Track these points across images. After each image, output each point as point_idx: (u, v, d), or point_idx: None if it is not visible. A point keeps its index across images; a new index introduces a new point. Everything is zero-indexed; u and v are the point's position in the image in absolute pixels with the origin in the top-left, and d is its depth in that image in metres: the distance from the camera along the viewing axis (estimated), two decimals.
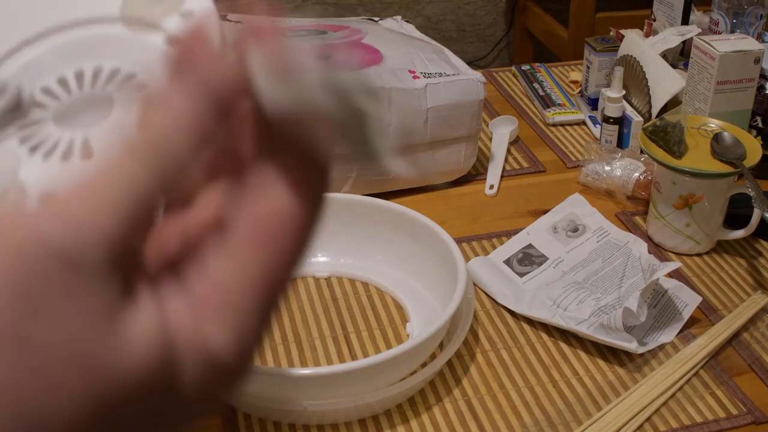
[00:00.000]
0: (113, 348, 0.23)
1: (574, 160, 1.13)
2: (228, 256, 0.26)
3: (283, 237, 0.26)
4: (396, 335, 0.83)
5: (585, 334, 0.79)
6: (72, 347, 0.23)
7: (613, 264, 0.90)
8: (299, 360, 0.79)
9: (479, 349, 0.81)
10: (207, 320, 0.25)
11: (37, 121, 0.41)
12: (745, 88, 1.02)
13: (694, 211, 0.91)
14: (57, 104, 0.41)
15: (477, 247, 0.95)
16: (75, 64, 0.42)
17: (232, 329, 0.26)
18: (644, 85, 1.13)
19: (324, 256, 0.90)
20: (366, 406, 0.72)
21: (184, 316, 0.25)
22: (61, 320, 0.23)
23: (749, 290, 0.89)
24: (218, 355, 0.26)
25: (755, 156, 0.90)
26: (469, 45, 2.88)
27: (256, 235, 0.26)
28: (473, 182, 1.08)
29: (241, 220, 0.26)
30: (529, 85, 1.31)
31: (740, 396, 0.76)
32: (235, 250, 0.26)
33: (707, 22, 1.24)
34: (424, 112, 0.98)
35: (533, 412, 0.74)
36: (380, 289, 0.88)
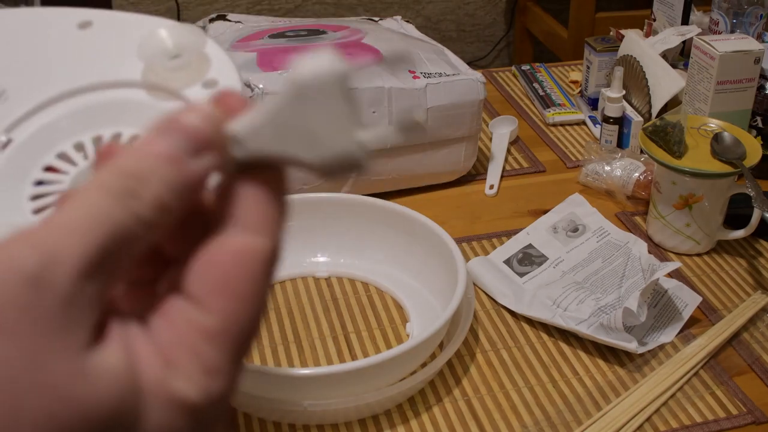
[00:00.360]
0: (79, 377, 0.24)
1: (574, 160, 1.13)
2: (191, 303, 0.26)
3: (245, 279, 0.26)
4: (396, 335, 0.83)
5: (585, 334, 0.79)
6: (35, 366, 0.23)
7: (613, 264, 0.90)
8: (299, 360, 0.79)
9: (479, 349, 0.81)
10: (174, 367, 0.25)
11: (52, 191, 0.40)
12: (745, 88, 1.02)
13: (694, 211, 0.91)
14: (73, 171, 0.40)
15: (477, 247, 0.95)
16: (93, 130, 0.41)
17: (201, 375, 0.26)
18: (644, 85, 1.13)
19: (324, 256, 0.90)
20: (366, 406, 0.72)
21: (152, 361, 0.25)
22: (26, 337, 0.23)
23: (749, 290, 0.89)
24: (187, 401, 0.26)
25: (755, 156, 0.90)
26: (469, 45, 2.88)
27: (218, 280, 0.26)
28: (473, 182, 1.08)
29: (203, 265, 0.27)
30: (529, 85, 1.31)
31: (740, 396, 0.76)
32: (197, 296, 0.26)
33: (707, 22, 1.24)
34: (424, 112, 0.98)
35: (533, 412, 0.74)
36: (380, 289, 0.88)
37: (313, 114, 0.27)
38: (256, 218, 0.27)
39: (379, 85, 0.95)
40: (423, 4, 2.76)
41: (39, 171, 0.41)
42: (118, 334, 0.26)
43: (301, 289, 0.88)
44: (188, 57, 0.42)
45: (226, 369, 0.26)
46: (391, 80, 0.96)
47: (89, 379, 0.24)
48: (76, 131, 0.42)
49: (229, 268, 0.26)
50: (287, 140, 0.27)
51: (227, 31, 1.09)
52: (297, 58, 0.27)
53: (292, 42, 1.03)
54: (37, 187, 0.40)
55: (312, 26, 1.09)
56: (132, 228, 0.25)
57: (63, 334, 0.24)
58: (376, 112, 0.96)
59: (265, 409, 0.72)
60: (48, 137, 0.41)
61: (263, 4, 2.63)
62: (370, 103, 0.95)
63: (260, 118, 0.28)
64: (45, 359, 0.23)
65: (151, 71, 0.43)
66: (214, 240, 0.27)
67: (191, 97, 0.42)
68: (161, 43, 0.42)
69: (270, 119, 0.27)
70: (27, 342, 0.23)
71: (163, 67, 0.42)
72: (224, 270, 0.26)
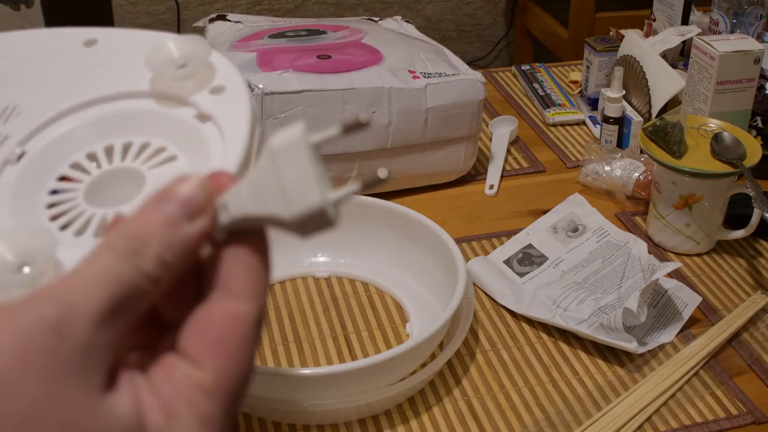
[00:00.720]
0: (94, 417, 0.27)
1: (574, 160, 1.13)
2: (187, 361, 0.30)
3: (235, 340, 0.30)
4: (396, 335, 0.83)
5: (585, 334, 0.79)
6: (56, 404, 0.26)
7: (613, 264, 0.90)
8: (299, 360, 0.79)
9: (479, 349, 0.81)
10: (174, 418, 0.29)
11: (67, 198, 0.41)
12: (745, 88, 1.02)
13: (694, 211, 0.91)
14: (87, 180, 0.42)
15: (477, 247, 0.95)
16: (105, 140, 0.43)
17: (197, 425, 0.29)
18: (644, 85, 1.13)
19: (324, 256, 0.90)
20: (366, 406, 0.72)
21: (155, 411, 0.29)
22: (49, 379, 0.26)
23: (749, 290, 0.89)
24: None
25: (755, 156, 0.90)
26: (469, 45, 2.88)
27: (211, 341, 0.30)
28: (473, 182, 1.08)
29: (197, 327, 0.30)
30: (529, 85, 1.31)
31: (740, 396, 0.76)
32: (193, 355, 0.30)
33: (707, 22, 1.24)
34: (424, 112, 0.98)
35: (533, 412, 0.74)
36: (380, 289, 0.88)
37: (285, 175, 0.30)
38: (243, 285, 0.30)
39: (379, 85, 0.95)
40: (423, 4, 2.76)
41: (53, 181, 0.42)
42: (127, 383, 0.29)
43: (301, 289, 0.88)
44: (194, 66, 0.43)
45: (220, 419, 0.29)
46: (391, 80, 0.96)
47: (103, 419, 0.27)
48: (88, 142, 0.43)
49: (220, 330, 0.30)
50: (264, 200, 0.31)
51: (227, 31, 1.09)
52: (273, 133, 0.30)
53: (292, 42, 1.03)
54: (52, 196, 0.42)
55: (312, 26, 1.10)
56: (138, 282, 0.29)
57: (81, 377, 0.27)
58: (376, 112, 0.96)
59: (265, 409, 0.72)
60: (61, 148, 0.43)
61: (263, 4, 2.63)
62: (370, 103, 0.95)
63: (240, 183, 0.31)
64: (65, 399, 0.26)
65: (159, 81, 0.44)
66: (206, 304, 0.30)
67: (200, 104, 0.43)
68: (168, 54, 0.43)
69: (248, 182, 0.31)
70: (50, 382, 0.26)
71: (170, 76, 0.43)
72: (216, 332, 0.30)
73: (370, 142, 0.96)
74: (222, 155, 0.41)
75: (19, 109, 0.44)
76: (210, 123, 0.42)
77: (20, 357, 0.26)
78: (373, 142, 0.97)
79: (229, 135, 0.41)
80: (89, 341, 0.27)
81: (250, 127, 0.41)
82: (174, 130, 0.43)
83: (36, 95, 0.45)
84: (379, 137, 0.97)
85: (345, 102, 0.94)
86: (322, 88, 0.93)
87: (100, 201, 0.41)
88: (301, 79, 0.93)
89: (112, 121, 0.43)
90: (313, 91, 0.93)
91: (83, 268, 0.28)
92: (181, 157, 0.42)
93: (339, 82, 0.94)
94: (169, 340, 0.31)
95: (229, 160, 0.40)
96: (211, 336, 0.30)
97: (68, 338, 0.27)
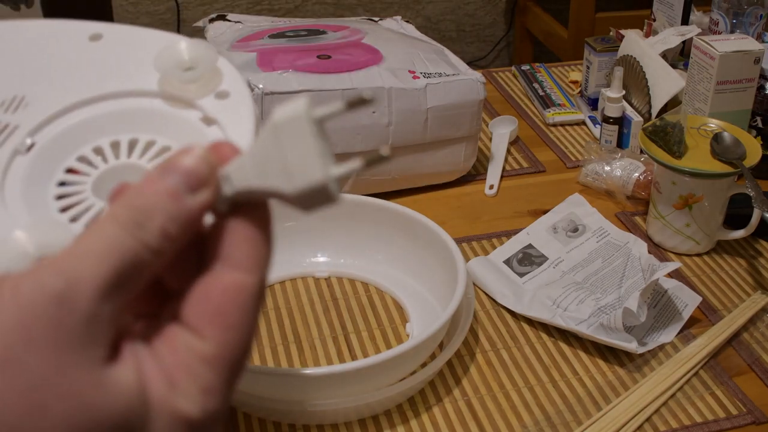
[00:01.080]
0: (97, 387, 0.27)
1: (574, 160, 1.13)
2: (189, 331, 0.30)
3: (236, 311, 0.30)
4: (396, 335, 0.83)
5: (585, 334, 0.79)
6: (60, 375, 0.27)
7: (613, 264, 0.90)
8: (299, 360, 0.79)
9: (479, 349, 0.81)
10: (176, 387, 0.29)
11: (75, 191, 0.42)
12: (745, 88, 1.02)
13: (694, 211, 0.91)
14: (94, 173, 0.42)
15: (477, 247, 0.95)
16: (111, 135, 0.44)
17: (199, 394, 0.29)
18: (644, 85, 1.13)
19: (324, 256, 0.90)
20: (366, 406, 0.72)
21: (158, 381, 0.29)
22: (53, 350, 0.27)
23: (749, 290, 0.89)
24: (188, 417, 0.29)
25: (755, 156, 0.90)
26: (469, 45, 2.88)
27: (212, 312, 0.30)
28: (473, 182, 1.08)
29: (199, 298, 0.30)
30: (529, 85, 1.31)
31: (740, 396, 0.76)
32: (195, 325, 0.30)
33: (707, 22, 1.24)
34: (424, 112, 0.98)
35: (533, 412, 0.74)
36: (380, 289, 0.88)
37: (288, 150, 0.30)
38: (244, 256, 0.31)
39: (379, 85, 0.95)
40: (423, 4, 2.77)
41: (61, 173, 0.43)
42: (130, 354, 0.29)
43: (301, 289, 0.88)
44: (202, 70, 0.44)
45: (221, 389, 0.30)
46: (391, 80, 0.96)
47: (106, 389, 0.27)
48: (95, 136, 0.44)
49: (222, 301, 0.30)
50: (267, 174, 0.31)
51: (227, 31, 1.09)
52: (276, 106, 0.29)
53: (292, 42, 1.03)
54: (61, 188, 0.42)
55: (312, 26, 1.10)
56: (141, 254, 0.29)
57: (84, 349, 0.27)
58: (375, 112, 0.96)
59: (265, 409, 0.72)
60: (69, 141, 0.44)
61: (263, 4, 2.63)
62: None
63: (244, 156, 0.32)
64: (68, 370, 0.27)
65: (167, 82, 0.45)
66: (208, 275, 0.31)
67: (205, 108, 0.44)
68: (177, 55, 0.44)
69: (251, 155, 0.31)
70: (54, 354, 0.27)
71: (178, 78, 0.44)
72: (217, 303, 0.30)
73: (370, 142, 0.97)
74: None
75: (28, 100, 0.44)
76: (215, 127, 0.43)
77: (25, 329, 0.26)
78: (373, 142, 0.97)
79: (234, 138, 0.42)
80: (93, 313, 0.27)
81: (254, 134, 0.42)
82: (179, 131, 0.43)
83: (44, 87, 0.45)
84: (379, 137, 0.97)
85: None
86: (322, 88, 0.93)
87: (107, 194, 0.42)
88: (301, 79, 0.93)
89: (119, 118, 0.44)
90: (313, 91, 0.93)
91: (87, 240, 0.29)
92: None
93: (339, 82, 0.94)
94: (172, 309, 0.31)
95: None
96: (213, 306, 0.30)
97: (72, 311, 0.27)
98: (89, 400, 0.27)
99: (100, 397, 0.27)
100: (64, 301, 0.27)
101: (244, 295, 0.30)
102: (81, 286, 0.27)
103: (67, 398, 0.27)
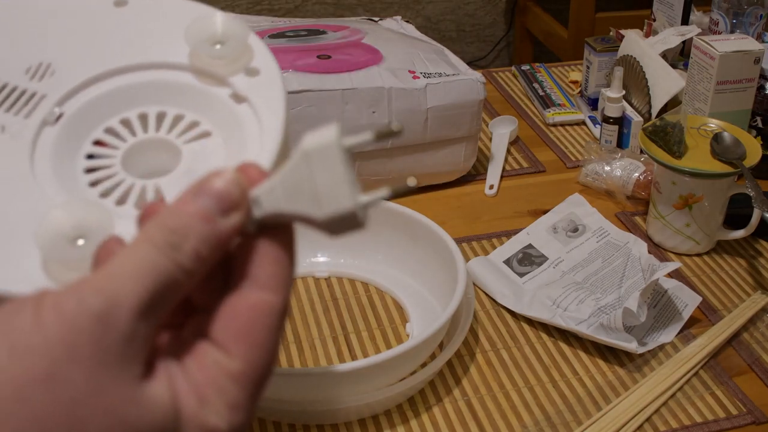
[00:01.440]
0: (134, 404, 0.29)
1: (574, 160, 1.13)
2: (217, 348, 0.31)
3: (262, 330, 0.31)
4: (396, 335, 0.83)
5: (585, 334, 0.79)
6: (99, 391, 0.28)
7: (613, 264, 0.90)
8: (299, 360, 0.79)
9: (479, 349, 0.81)
10: (206, 403, 0.30)
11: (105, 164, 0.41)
12: (745, 88, 1.02)
13: (694, 211, 0.91)
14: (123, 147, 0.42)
15: (477, 247, 0.95)
16: (139, 107, 0.43)
17: (226, 410, 0.31)
18: (644, 85, 1.13)
19: (324, 256, 0.90)
20: (366, 406, 0.72)
21: (189, 397, 0.30)
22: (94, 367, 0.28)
23: (749, 290, 0.89)
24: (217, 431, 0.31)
25: (755, 156, 0.90)
26: (469, 45, 2.88)
27: (239, 330, 0.31)
28: (473, 182, 1.08)
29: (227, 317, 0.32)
30: (529, 85, 1.31)
31: (740, 396, 0.76)
32: (223, 343, 0.31)
33: (707, 22, 1.24)
34: (424, 112, 0.98)
35: (533, 412, 0.74)
36: (380, 289, 0.88)
37: (318, 176, 0.32)
38: (271, 277, 0.32)
39: (379, 85, 0.95)
40: (423, 4, 2.76)
41: (89, 145, 0.42)
42: (163, 371, 0.31)
43: (301, 289, 0.88)
44: (233, 45, 0.43)
45: (246, 405, 0.31)
46: (391, 80, 0.96)
47: (143, 405, 0.29)
48: (123, 108, 0.43)
49: (249, 320, 0.31)
50: (297, 199, 0.32)
51: None
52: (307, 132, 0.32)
53: (292, 42, 1.03)
54: (90, 161, 0.41)
55: (312, 26, 1.10)
56: (175, 275, 0.30)
57: (122, 366, 0.29)
58: (375, 112, 0.96)
59: (265, 409, 0.72)
60: (96, 112, 0.43)
61: (263, 4, 2.63)
62: (370, 103, 0.95)
63: (274, 180, 0.33)
64: (108, 386, 0.28)
65: (197, 56, 0.44)
66: (236, 294, 0.32)
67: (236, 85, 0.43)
68: (209, 29, 0.43)
69: (282, 180, 0.32)
70: (95, 371, 0.28)
71: (208, 53, 0.43)
72: (244, 322, 0.31)
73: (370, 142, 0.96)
74: (258, 139, 0.41)
75: (54, 68, 0.44)
76: (245, 104, 0.42)
77: (69, 346, 0.28)
78: (373, 142, 0.97)
79: (265, 119, 0.41)
80: (130, 332, 0.29)
81: (285, 112, 0.41)
82: (209, 107, 0.43)
83: (69, 54, 0.44)
84: None
85: (345, 102, 0.94)
86: (322, 88, 0.93)
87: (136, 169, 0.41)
88: (301, 79, 0.93)
89: (147, 90, 0.43)
90: (313, 91, 0.93)
91: (125, 260, 0.30)
92: (215, 134, 0.42)
93: (339, 82, 0.94)
94: (198, 323, 0.33)
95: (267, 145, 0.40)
96: (240, 325, 0.31)
97: (112, 330, 0.28)
98: (127, 416, 0.28)
99: (137, 413, 0.29)
100: (105, 320, 0.28)
101: (269, 314, 0.32)
102: (120, 305, 0.29)
103: (106, 413, 0.28)
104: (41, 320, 0.28)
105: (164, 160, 0.41)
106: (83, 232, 0.35)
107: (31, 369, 0.27)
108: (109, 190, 0.40)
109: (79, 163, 0.41)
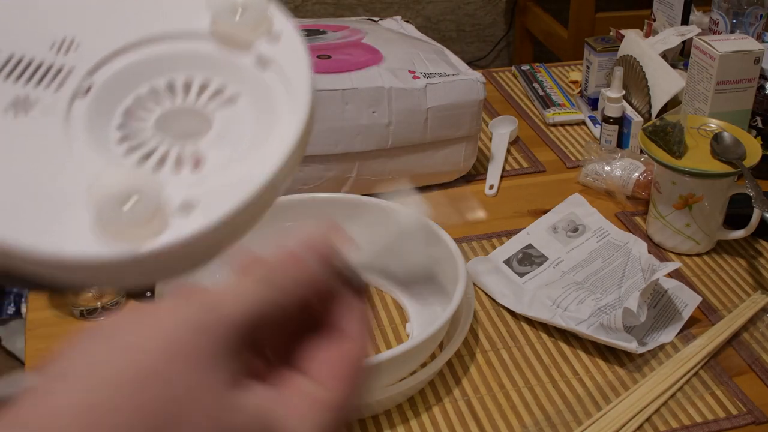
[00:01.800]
0: (226, 409, 0.31)
1: (574, 160, 1.13)
2: (314, 382, 0.36)
3: (353, 371, 0.37)
4: (396, 335, 0.83)
5: (585, 334, 0.79)
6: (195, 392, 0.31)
7: (613, 264, 0.90)
8: None
9: (479, 349, 0.81)
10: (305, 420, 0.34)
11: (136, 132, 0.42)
12: (745, 88, 1.02)
13: (694, 211, 0.91)
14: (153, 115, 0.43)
15: (477, 247, 0.95)
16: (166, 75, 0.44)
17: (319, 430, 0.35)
18: (644, 85, 1.13)
19: None
20: (366, 406, 0.72)
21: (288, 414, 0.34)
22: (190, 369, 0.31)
23: (749, 290, 0.89)
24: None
25: (755, 156, 0.90)
26: (469, 45, 2.88)
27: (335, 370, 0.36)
28: (473, 182, 1.08)
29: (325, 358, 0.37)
30: (529, 85, 1.31)
31: (740, 396, 0.76)
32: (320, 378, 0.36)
33: (707, 22, 1.24)
34: (424, 112, 0.98)
35: (533, 412, 0.74)
36: (380, 289, 0.88)
37: (406, 243, 0.41)
38: (357, 329, 0.38)
39: (379, 85, 0.95)
40: (423, 4, 2.76)
41: (119, 116, 0.43)
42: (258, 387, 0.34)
43: None
44: (254, 13, 0.44)
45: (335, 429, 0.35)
46: (391, 80, 0.96)
47: (233, 410, 0.32)
48: (150, 76, 0.44)
49: (345, 365, 0.37)
50: (387, 259, 0.41)
51: None
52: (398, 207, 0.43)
53: None
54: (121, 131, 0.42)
55: (312, 26, 1.10)
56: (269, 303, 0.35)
57: (217, 373, 0.32)
58: (375, 112, 0.96)
59: None
60: (124, 83, 0.44)
61: None
62: (370, 103, 0.95)
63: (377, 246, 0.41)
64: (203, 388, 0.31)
65: (218, 24, 0.45)
66: (333, 343, 0.37)
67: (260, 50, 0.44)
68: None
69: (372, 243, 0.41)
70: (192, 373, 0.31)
71: (229, 21, 0.44)
72: (339, 365, 0.37)
73: (370, 142, 0.97)
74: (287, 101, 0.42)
75: (78, 41, 0.44)
76: (271, 69, 0.43)
77: (167, 349, 0.31)
78: (373, 142, 0.97)
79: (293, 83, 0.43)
80: (225, 343, 0.32)
81: (311, 75, 0.43)
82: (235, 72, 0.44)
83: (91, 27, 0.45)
84: (379, 137, 0.97)
85: (345, 102, 0.94)
86: (322, 88, 0.93)
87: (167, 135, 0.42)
88: None
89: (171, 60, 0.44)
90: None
91: (226, 287, 0.35)
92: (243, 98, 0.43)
93: (339, 82, 0.94)
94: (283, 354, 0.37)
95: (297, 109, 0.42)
96: (336, 367, 0.37)
97: (210, 337, 0.32)
98: (221, 419, 0.31)
99: (229, 417, 0.31)
100: (204, 328, 0.32)
101: (360, 360, 0.37)
102: (219, 315, 0.32)
103: (201, 413, 0.31)
104: (157, 323, 0.32)
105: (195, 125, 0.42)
106: (133, 194, 0.37)
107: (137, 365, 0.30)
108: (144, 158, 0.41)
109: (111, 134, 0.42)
